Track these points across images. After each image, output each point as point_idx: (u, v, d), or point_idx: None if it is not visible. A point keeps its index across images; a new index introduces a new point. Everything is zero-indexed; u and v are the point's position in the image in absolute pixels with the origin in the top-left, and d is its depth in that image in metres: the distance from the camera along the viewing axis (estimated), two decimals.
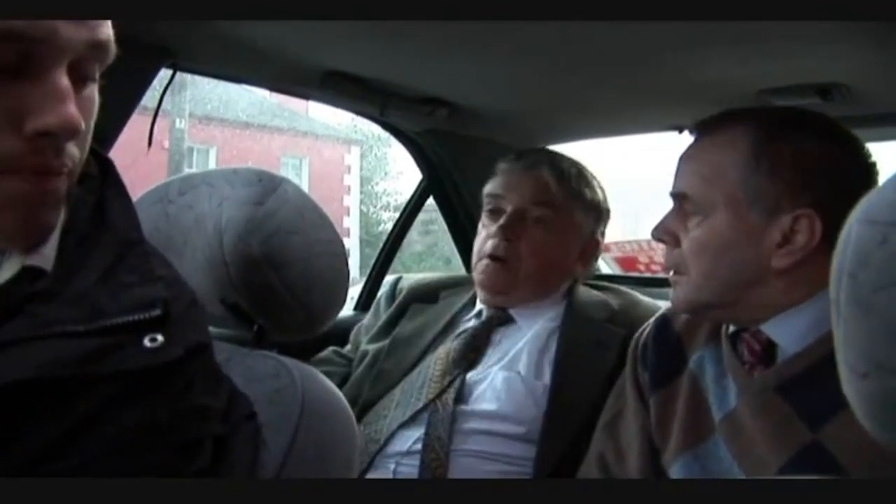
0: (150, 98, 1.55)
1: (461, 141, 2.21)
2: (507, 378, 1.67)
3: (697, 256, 1.26)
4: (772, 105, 1.68)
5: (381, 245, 2.53)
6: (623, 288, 1.91)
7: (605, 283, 1.94)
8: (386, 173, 20.86)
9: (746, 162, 1.24)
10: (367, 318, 1.99)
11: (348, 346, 1.97)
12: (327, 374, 1.73)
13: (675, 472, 1.30)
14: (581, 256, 1.84)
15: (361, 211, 19.07)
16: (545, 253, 1.77)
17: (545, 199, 1.77)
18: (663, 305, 1.76)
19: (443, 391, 1.65)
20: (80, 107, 0.72)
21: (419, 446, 1.59)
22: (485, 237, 1.81)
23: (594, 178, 1.88)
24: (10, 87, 0.69)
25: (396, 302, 1.93)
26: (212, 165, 15.21)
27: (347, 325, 2.02)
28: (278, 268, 1.06)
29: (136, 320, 0.75)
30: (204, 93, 14.03)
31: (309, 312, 1.10)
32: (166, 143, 12.72)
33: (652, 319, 1.47)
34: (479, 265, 1.79)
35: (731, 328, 1.32)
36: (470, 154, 2.25)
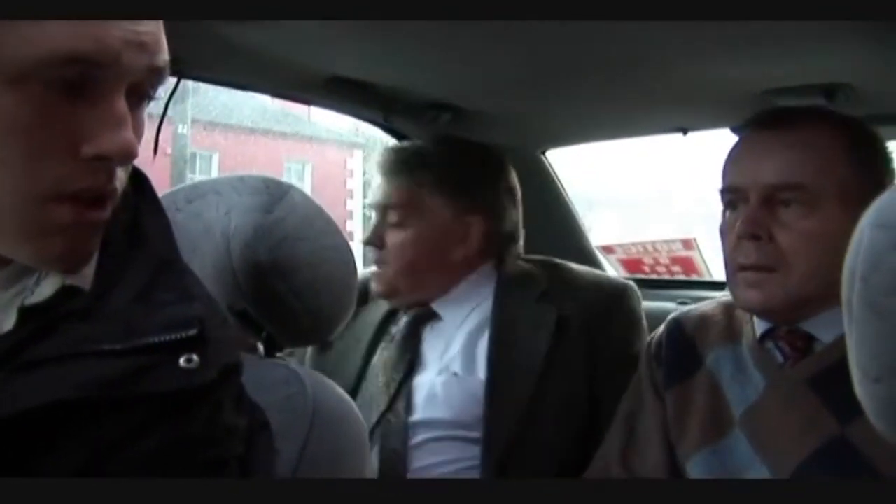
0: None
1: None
2: (444, 382, 1.64)
3: (807, 250, 1.20)
4: (776, 105, 1.69)
5: None
6: (556, 260, 1.84)
7: (536, 257, 1.85)
8: None
9: (853, 151, 1.23)
10: None
11: None
12: None
13: (693, 466, 1.31)
14: (463, 240, 1.73)
15: (364, 215, 19.06)
16: (406, 253, 1.71)
17: (392, 203, 1.72)
18: (599, 272, 1.80)
19: (392, 401, 1.63)
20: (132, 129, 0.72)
21: (374, 464, 1.56)
22: None
23: (447, 146, 1.81)
24: (69, 109, 0.69)
25: None
26: (215, 171, 15.22)
27: None
28: (286, 275, 1.06)
29: (172, 340, 0.75)
30: (207, 100, 14.03)
31: (317, 319, 1.10)
32: (169, 150, 12.71)
33: (663, 325, 1.47)
34: None
35: (760, 328, 1.31)
36: None
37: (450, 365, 1.67)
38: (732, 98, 1.72)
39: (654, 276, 3.09)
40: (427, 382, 1.66)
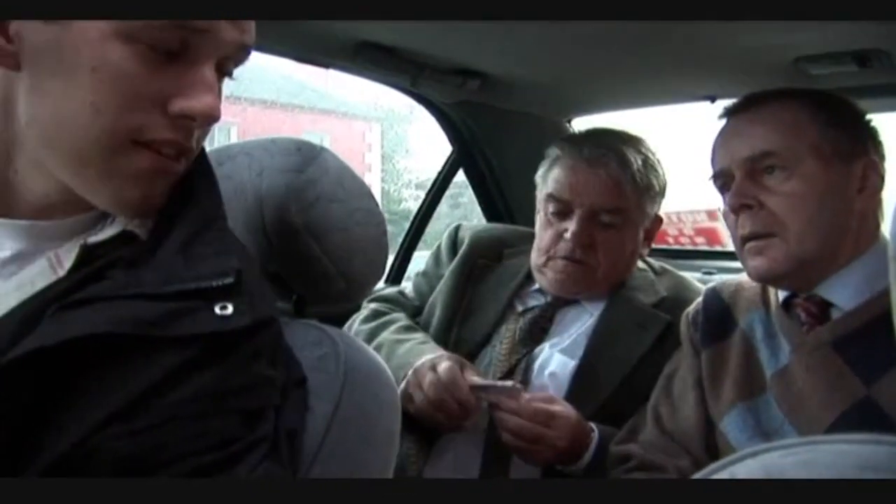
0: None
1: (492, 112, 2.20)
2: (563, 362, 1.66)
3: (797, 209, 1.27)
4: (808, 73, 1.67)
5: (402, 223, 2.51)
6: (676, 271, 1.86)
7: (659, 263, 1.88)
8: (407, 151, 20.80)
9: (819, 116, 1.29)
10: (428, 265, 1.95)
11: (409, 290, 1.96)
12: (394, 309, 1.81)
13: (729, 422, 1.35)
14: (647, 237, 1.79)
15: (383, 189, 19.03)
16: (620, 252, 1.72)
17: (618, 205, 1.69)
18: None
19: (510, 371, 1.65)
20: None
21: (484, 424, 1.59)
22: (553, 237, 1.72)
23: (652, 153, 1.77)
24: (166, 69, 0.78)
25: (461, 253, 1.86)
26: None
27: None
28: (319, 236, 1.05)
29: (208, 287, 0.80)
30: None
31: (349, 281, 1.09)
32: None
33: (701, 295, 1.51)
34: (554, 264, 1.72)
35: (782, 295, 1.36)
36: (501, 126, 2.24)
37: (575, 349, 1.68)
38: (764, 66, 1.70)
39: (677, 247, 3.08)
40: (547, 360, 1.68)
